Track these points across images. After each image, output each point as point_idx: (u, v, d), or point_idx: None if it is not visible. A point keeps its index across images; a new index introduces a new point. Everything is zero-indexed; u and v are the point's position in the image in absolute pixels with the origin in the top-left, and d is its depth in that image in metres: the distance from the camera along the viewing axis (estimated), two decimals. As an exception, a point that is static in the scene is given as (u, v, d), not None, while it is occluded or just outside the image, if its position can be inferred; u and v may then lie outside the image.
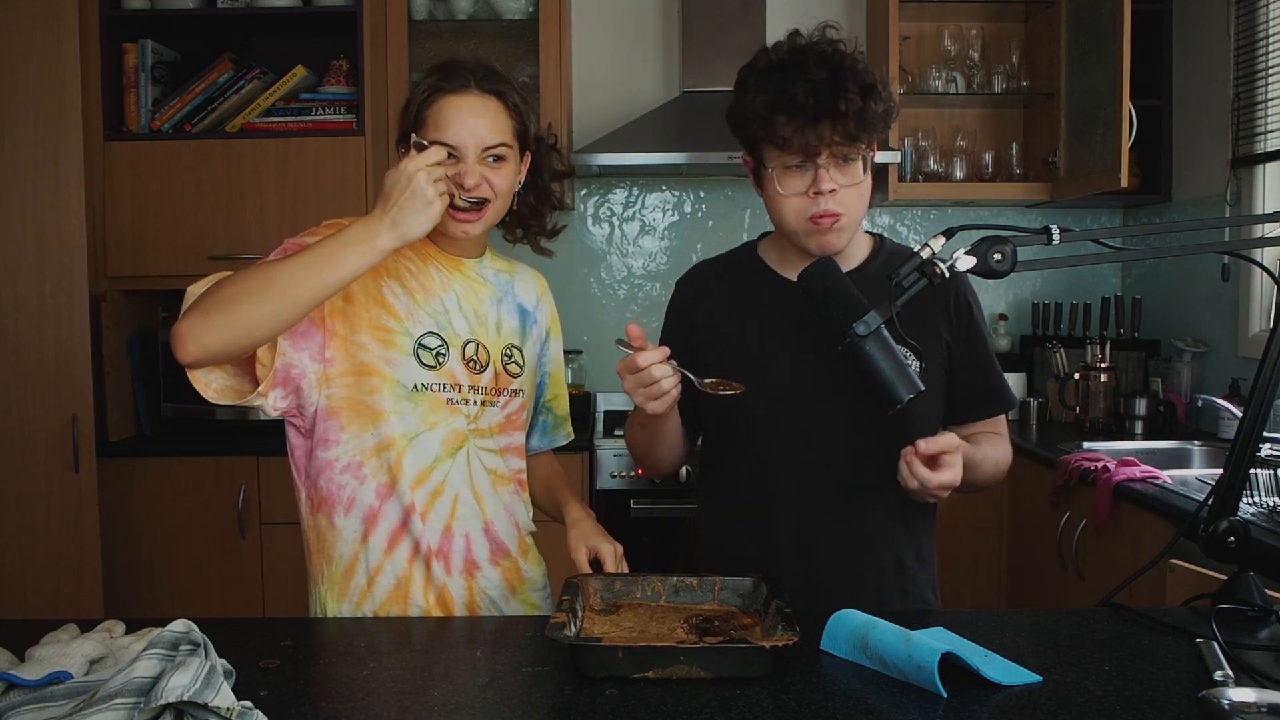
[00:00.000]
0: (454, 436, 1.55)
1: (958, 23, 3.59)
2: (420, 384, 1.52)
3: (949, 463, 1.36)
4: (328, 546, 1.56)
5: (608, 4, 3.73)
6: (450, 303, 1.57)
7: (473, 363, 1.57)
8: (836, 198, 1.47)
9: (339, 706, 1.13)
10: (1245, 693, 1.06)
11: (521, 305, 1.69)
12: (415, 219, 1.35)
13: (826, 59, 1.44)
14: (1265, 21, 2.99)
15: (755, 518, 1.59)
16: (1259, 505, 2.09)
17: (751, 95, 1.47)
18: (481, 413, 1.58)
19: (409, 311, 1.53)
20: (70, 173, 2.86)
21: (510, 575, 1.63)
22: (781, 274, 1.61)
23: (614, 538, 1.61)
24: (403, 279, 1.55)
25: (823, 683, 1.17)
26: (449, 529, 1.56)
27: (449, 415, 1.55)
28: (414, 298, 1.54)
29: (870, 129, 1.45)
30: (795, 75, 1.43)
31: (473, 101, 1.51)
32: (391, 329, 1.52)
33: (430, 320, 1.55)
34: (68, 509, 2.88)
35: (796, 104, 1.42)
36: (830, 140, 1.43)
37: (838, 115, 1.41)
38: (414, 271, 1.56)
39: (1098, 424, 3.27)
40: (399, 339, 1.52)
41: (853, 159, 1.47)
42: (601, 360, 3.69)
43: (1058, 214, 3.71)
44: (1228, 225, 1.76)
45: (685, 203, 3.81)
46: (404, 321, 1.52)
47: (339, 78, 3.30)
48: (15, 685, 1.06)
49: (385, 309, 1.52)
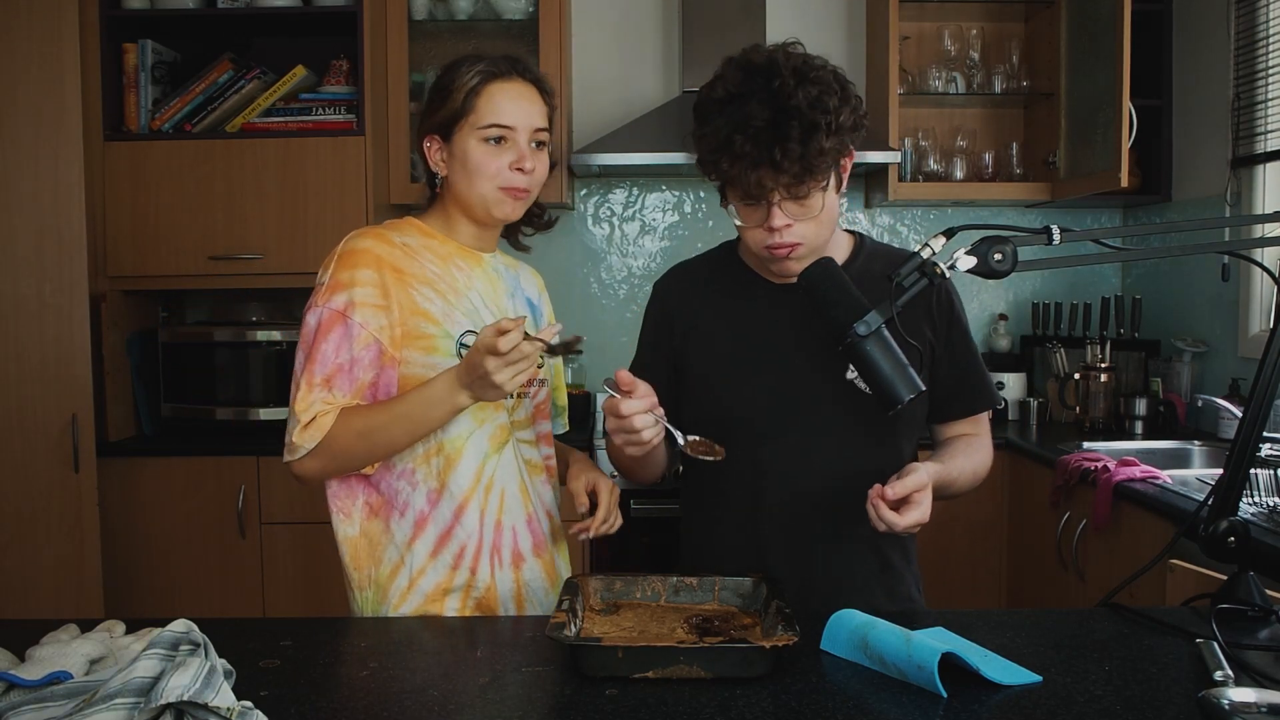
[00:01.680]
0: (500, 431, 1.59)
1: (958, 23, 3.59)
2: None
3: (918, 501, 1.36)
4: (379, 550, 1.57)
5: (608, 4, 3.73)
6: (476, 299, 1.59)
7: None
8: (792, 230, 1.46)
9: (339, 706, 1.13)
10: (1245, 693, 1.06)
11: (529, 298, 1.72)
12: (493, 393, 1.41)
13: (771, 97, 1.38)
14: (1265, 21, 2.99)
15: (741, 519, 1.59)
16: (1259, 505, 2.09)
17: (702, 131, 1.45)
18: (518, 405, 1.62)
19: (445, 314, 1.55)
20: (70, 173, 2.86)
21: (549, 569, 1.66)
22: (762, 274, 1.61)
23: (614, 538, 1.63)
24: (432, 282, 1.55)
25: (823, 683, 1.17)
26: (499, 523, 1.59)
27: (494, 411, 1.58)
28: (447, 299, 1.55)
29: (816, 169, 1.40)
30: (736, 118, 1.39)
31: (520, 87, 1.57)
32: (432, 334, 1.53)
33: (465, 319, 1.56)
34: (68, 509, 2.88)
35: (736, 152, 1.39)
36: (775, 184, 1.41)
37: (775, 164, 1.38)
38: (438, 274, 1.57)
39: (1098, 424, 3.27)
40: (440, 343, 1.53)
41: (806, 195, 1.44)
42: (601, 360, 3.68)
43: (1058, 214, 3.71)
44: (1228, 225, 1.77)
45: (685, 203, 3.81)
46: (442, 324, 1.54)
47: (339, 78, 3.29)
48: (15, 685, 1.06)
49: (423, 316, 1.53)
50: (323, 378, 1.49)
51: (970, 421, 1.66)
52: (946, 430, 1.66)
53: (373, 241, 1.54)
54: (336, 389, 1.49)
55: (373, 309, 1.50)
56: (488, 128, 1.53)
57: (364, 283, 1.50)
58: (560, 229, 3.76)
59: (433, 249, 1.59)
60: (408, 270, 1.53)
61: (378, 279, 1.51)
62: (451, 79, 1.56)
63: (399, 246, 1.56)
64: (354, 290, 1.50)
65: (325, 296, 1.51)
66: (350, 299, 1.50)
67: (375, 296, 1.50)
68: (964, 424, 1.65)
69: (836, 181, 1.47)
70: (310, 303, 1.53)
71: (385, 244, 1.55)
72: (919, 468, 1.40)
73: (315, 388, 1.48)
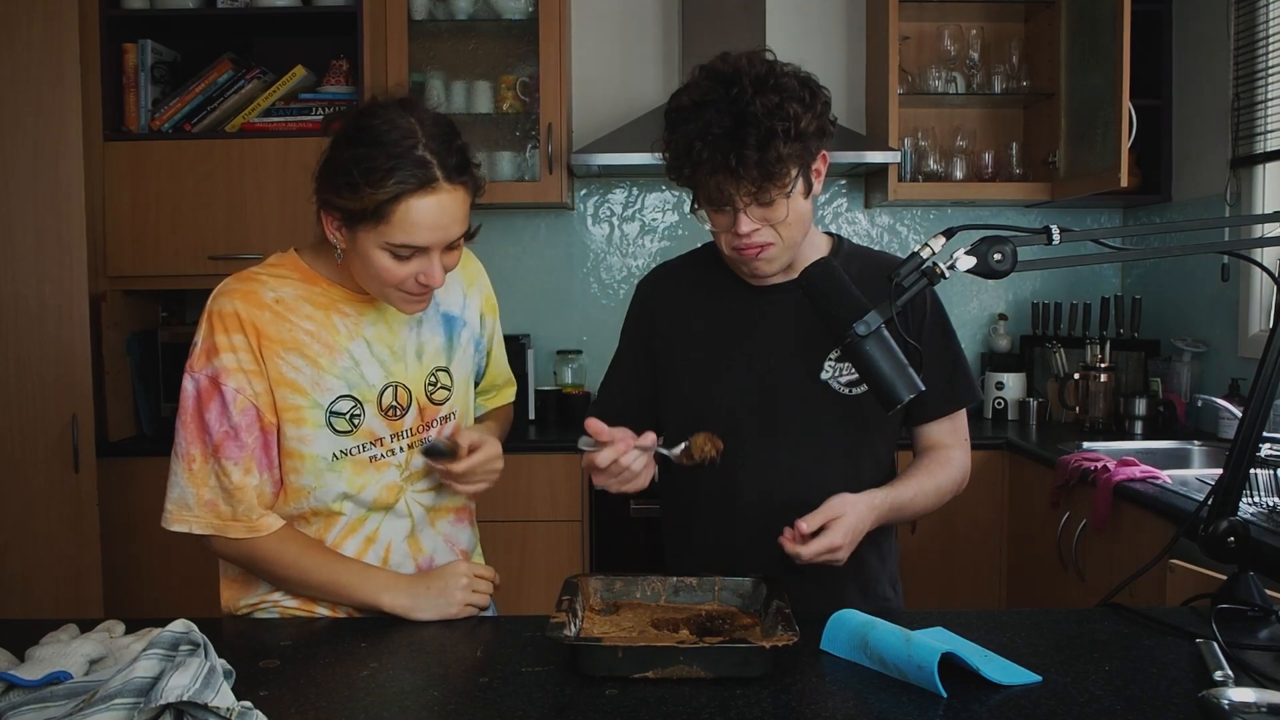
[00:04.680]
0: (387, 492, 1.51)
1: (958, 23, 3.59)
2: (339, 451, 1.47)
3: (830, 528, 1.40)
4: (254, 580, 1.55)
5: (608, 4, 3.73)
6: (359, 351, 1.48)
7: (392, 409, 1.50)
8: (760, 232, 1.47)
9: (339, 706, 1.13)
10: (1245, 693, 1.06)
11: (446, 314, 1.59)
12: (431, 613, 1.45)
13: (730, 105, 1.39)
14: (1265, 21, 2.99)
15: (716, 519, 1.61)
16: (1259, 505, 2.09)
17: (668, 137, 1.47)
18: (412, 456, 1.53)
19: (314, 382, 1.45)
20: (70, 173, 2.86)
21: None
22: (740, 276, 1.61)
23: (613, 539, 1.62)
24: (302, 347, 1.45)
25: (823, 683, 1.18)
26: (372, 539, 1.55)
27: (376, 473, 1.50)
28: (318, 364, 1.45)
29: (775, 176, 1.41)
30: (697, 126, 1.41)
31: (444, 199, 1.35)
32: (300, 405, 1.44)
33: (339, 382, 1.46)
34: (68, 509, 2.88)
35: (695, 159, 1.41)
36: (736, 191, 1.43)
37: (732, 170, 1.40)
38: (313, 331, 1.46)
39: (1098, 424, 3.27)
40: (309, 413, 1.45)
41: (770, 201, 1.44)
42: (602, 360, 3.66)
43: (1058, 214, 3.70)
44: (1228, 225, 1.77)
45: (685, 203, 3.80)
46: (310, 394, 1.45)
47: (339, 78, 3.30)
48: (15, 685, 1.06)
49: (289, 387, 1.44)
50: (212, 447, 1.43)
51: (948, 425, 1.64)
52: (923, 432, 1.64)
53: (240, 303, 1.43)
54: (226, 458, 1.43)
55: (245, 375, 1.42)
56: (398, 246, 1.35)
57: (235, 348, 1.42)
58: (560, 229, 3.78)
59: (313, 299, 1.47)
60: (275, 337, 1.43)
61: (246, 343, 1.42)
62: (366, 173, 1.32)
63: (269, 306, 1.44)
64: (224, 357, 1.42)
65: (200, 362, 1.43)
66: (222, 365, 1.42)
67: (248, 362, 1.42)
68: (940, 427, 1.63)
69: (806, 186, 1.48)
70: (188, 365, 1.45)
71: (254, 305, 1.44)
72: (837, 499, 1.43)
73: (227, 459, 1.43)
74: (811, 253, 1.59)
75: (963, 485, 1.63)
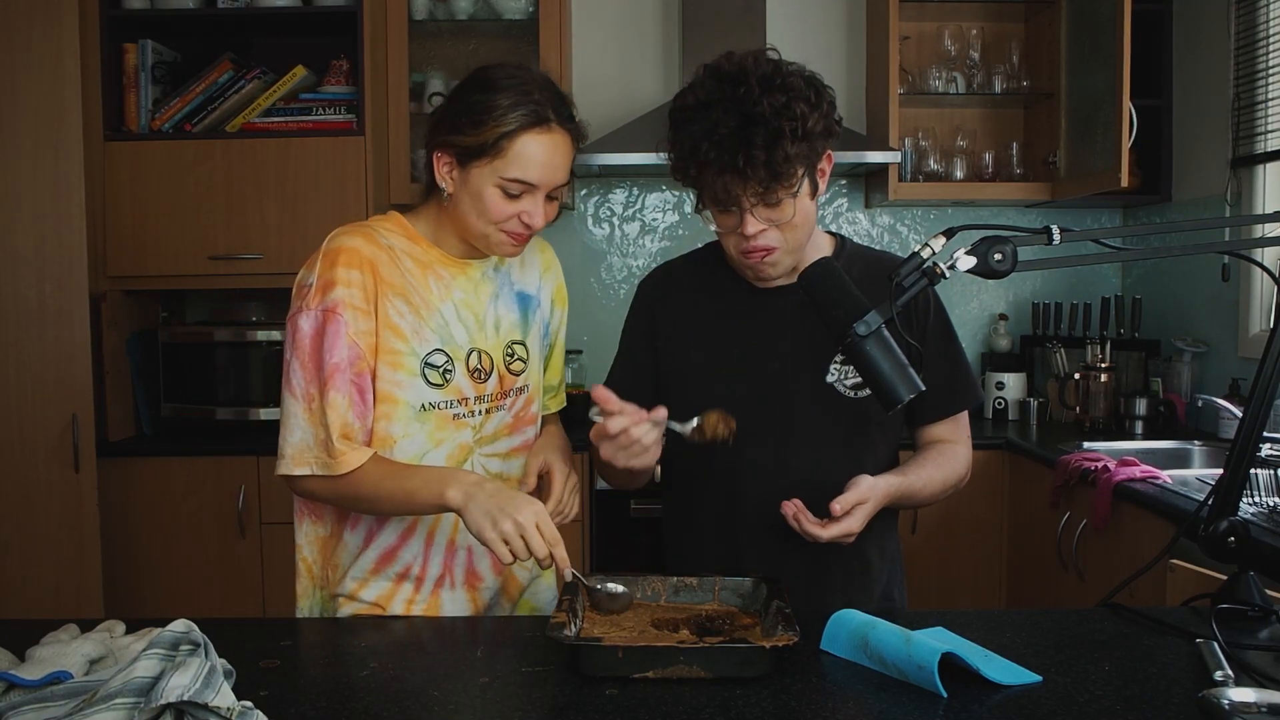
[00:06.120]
0: (459, 451, 1.55)
1: (958, 23, 3.59)
2: (428, 403, 1.51)
3: (853, 512, 1.41)
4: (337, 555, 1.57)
5: (608, 4, 3.73)
6: (449, 313, 1.54)
7: (477, 372, 1.56)
8: (766, 235, 1.47)
9: (339, 706, 1.13)
10: (1245, 693, 1.06)
11: (522, 292, 1.65)
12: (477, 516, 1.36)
13: (737, 105, 1.39)
14: (1265, 21, 2.99)
15: (719, 521, 1.60)
16: (1259, 505, 2.09)
17: (674, 138, 1.47)
18: (487, 420, 1.58)
19: (415, 330, 1.50)
20: (70, 173, 2.86)
21: (511, 586, 1.63)
22: (743, 277, 1.61)
23: (614, 539, 1.61)
24: (407, 294, 1.51)
25: (823, 683, 1.18)
26: (452, 544, 1.56)
27: (455, 431, 1.54)
28: (419, 314, 1.51)
29: (783, 176, 1.40)
30: (704, 126, 1.41)
31: (557, 139, 1.48)
32: (399, 351, 1.49)
33: (435, 336, 1.52)
34: (68, 509, 2.88)
35: (702, 159, 1.41)
36: (743, 191, 1.42)
37: (739, 171, 1.39)
38: (413, 285, 1.52)
39: (1098, 424, 3.26)
40: (406, 360, 1.50)
41: (777, 202, 1.44)
42: (602, 360, 3.65)
43: (1058, 214, 3.71)
44: (1228, 225, 1.77)
45: (685, 202, 3.81)
46: (410, 342, 1.50)
47: (339, 78, 3.29)
48: (15, 685, 1.06)
49: (393, 331, 1.49)
50: (325, 379, 1.45)
51: (950, 426, 1.65)
52: (926, 433, 1.65)
53: (361, 241, 1.49)
54: (336, 390, 1.45)
55: (355, 312, 1.46)
56: (511, 181, 1.46)
57: (350, 283, 1.46)
58: (560, 229, 3.77)
59: (414, 255, 1.54)
60: (387, 278, 1.49)
61: (363, 280, 1.47)
62: (487, 109, 1.45)
63: (384, 249, 1.51)
64: (339, 290, 1.46)
65: (316, 299, 1.46)
66: (338, 298, 1.45)
67: (360, 299, 1.47)
68: (943, 427, 1.64)
69: (812, 186, 1.48)
70: (300, 306, 1.48)
71: (372, 244, 1.50)
72: (864, 481, 1.43)
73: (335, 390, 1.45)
74: (815, 254, 1.58)
75: (964, 481, 1.64)
